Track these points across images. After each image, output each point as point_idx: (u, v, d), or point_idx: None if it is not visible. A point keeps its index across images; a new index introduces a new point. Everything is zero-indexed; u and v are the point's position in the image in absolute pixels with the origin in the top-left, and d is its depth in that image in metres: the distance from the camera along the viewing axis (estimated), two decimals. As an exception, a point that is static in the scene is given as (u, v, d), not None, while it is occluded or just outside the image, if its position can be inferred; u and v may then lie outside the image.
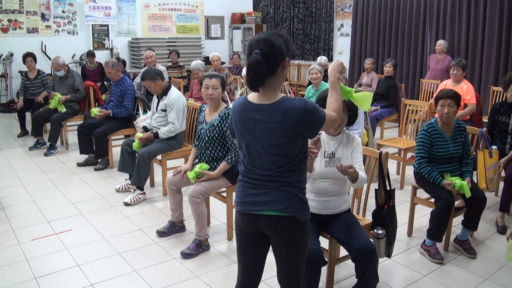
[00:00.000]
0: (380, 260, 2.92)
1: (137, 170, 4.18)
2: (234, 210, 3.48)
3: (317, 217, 2.63)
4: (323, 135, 2.68)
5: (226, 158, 3.30)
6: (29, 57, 6.62)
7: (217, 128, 3.28)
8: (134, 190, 4.25)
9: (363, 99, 2.24)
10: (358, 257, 2.49)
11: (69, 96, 6.03)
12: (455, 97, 3.27)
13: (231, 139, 3.26)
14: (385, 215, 2.69)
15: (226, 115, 3.27)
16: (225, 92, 5.20)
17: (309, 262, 2.34)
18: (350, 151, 2.65)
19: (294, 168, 1.89)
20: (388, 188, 2.75)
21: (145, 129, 4.46)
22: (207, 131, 3.31)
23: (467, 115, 4.81)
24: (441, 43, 7.10)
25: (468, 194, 3.12)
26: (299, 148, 1.88)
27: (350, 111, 2.63)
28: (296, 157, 1.88)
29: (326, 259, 2.59)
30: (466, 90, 4.82)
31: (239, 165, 2.03)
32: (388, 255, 2.76)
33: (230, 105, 5.22)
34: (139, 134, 4.31)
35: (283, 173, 1.88)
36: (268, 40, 1.81)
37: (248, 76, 1.82)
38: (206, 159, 3.37)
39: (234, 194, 3.42)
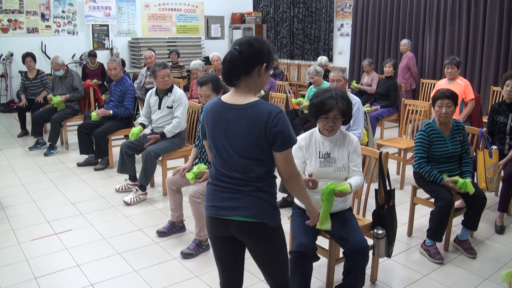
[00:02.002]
0: (380, 260, 2.93)
1: (144, 169, 4.19)
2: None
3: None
4: (317, 135, 2.66)
5: None
6: (28, 57, 6.62)
7: None
8: (136, 190, 4.25)
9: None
10: (349, 251, 2.47)
11: (68, 95, 6.03)
12: (452, 97, 3.27)
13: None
14: (385, 215, 2.69)
15: None
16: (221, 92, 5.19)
17: (299, 256, 2.38)
18: (347, 152, 2.65)
19: (266, 174, 1.86)
20: (388, 188, 2.76)
21: (143, 125, 4.50)
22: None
23: (469, 113, 4.84)
24: (405, 43, 7.55)
25: (472, 190, 3.11)
26: (271, 153, 1.83)
27: (344, 116, 2.57)
28: (268, 162, 1.85)
29: (320, 256, 2.57)
30: (465, 87, 4.84)
31: (209, 167, 2.03)
32: (388, 255, 2.76)
33: None
34: (136, 130, 4.34)
35: (255, 178, 1.84)
36: (250, 41, 1.82)
37: (222, 69, 1.84)
38: (206, 158, 3.37)
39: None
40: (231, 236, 1.95)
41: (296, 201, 2.77)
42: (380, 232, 2.67)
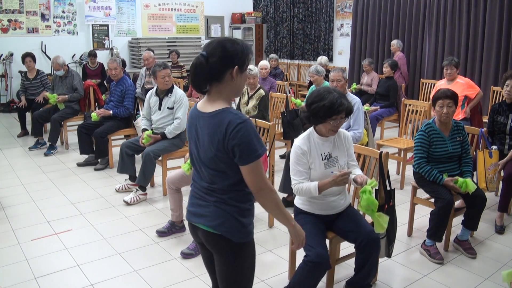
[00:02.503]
0: (380, 260, 2.92)
1: (143, 169, 4.19)
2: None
3: (324, 218, 2.65)
4: (314, 137, 2.64)
5: None
6: (28, 57, 6.61)
7: None
8: (136, 190, 4.25)
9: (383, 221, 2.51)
10: (363, 243, 2.50)
11: (66, 96, 6.01)
12: (453, 97, 3.27)
13: None
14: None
15: None
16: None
17: (317, 267, 2.39)
18: (345, 148, 2.67)
19: (232, 187, 1.77)
20: (388, 188, 2.76)
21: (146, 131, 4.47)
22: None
23: (478, 103, 4.90)
24: (394, 43, 7.80)
25: (472, 189, 3.11)
26: (236, 167, 1.73)
27: (348, 115, 2.59)
28: (233, 175, 1.75)
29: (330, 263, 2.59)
30: (466, 84, 4.85)
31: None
32: (388, 255, 2.77)
33: (234, 105, 5.24)
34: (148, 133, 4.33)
35: (219, 189, 1.78)
36: (219, 44, 1.71)
37: (190, 77, 1.79)
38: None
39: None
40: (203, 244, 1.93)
41: (297, 203, 2.74)
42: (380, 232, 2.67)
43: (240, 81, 1.76)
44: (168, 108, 4.37)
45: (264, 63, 6.40)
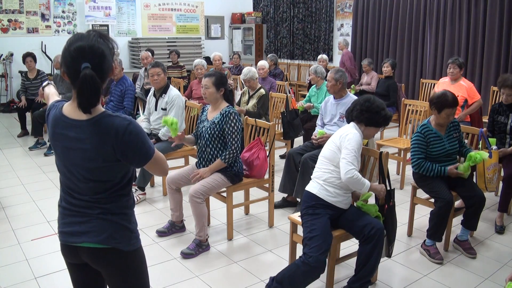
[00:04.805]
0: (380, 260, 2.92)
1: (142, 171, 4.19)
2: (234, 210, 3.51)
3: (338, 213, 2.71)
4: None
5: (221, 156, 3.30)
6: (29, 57, 6.63)
7: (217, 126, 3.28)
8: (136, 190, 4.25)
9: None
10: (372, 231, 2.55)
11: (60, 96, 5.96)
12: (457, 104, 3.27)
13: (230, 137, 3.27)
14: (385, 215, 2.70)
15: (227, 113, 3.28)
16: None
17: (313, 271, 2.45)
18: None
19: (117, 193, 1.64)
20: (388, 188, 2.76)
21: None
22: (208, 129, 3.32)
23: (475, 110, 4.85)
24: (340, 41, 8.38)
25: (477, 159, 3.17)
26: (123, 171, 1.63)
27: None
28: (119, 181, 1.64)
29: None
30: (468, 88, 4.83)
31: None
32: (389, 255, 2.77)
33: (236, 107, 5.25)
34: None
35: (103, 199, 1.62)
36: (95, 49, 1.52)
37: (82, 99, 1.50)
38: (206, 157, 3.37)
39: (234, 194, 3.46)
40: (85, 263, 1.71)
41: (321, 194, 2.68)
42: None
43: (112, 74, 1.66)
44: (162, 109, 4.33)
45: (262, 63, 6.38)
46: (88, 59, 1.50)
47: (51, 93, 2.10)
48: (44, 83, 2.22)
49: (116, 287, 1.74)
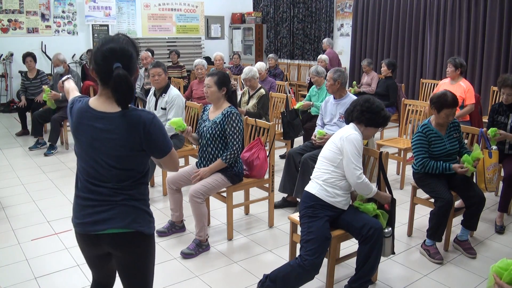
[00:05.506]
0: (381, 260, 2.92)
1: None
2: (234, 210, 3.51)
3: (336, 214, 2.70)
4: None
5: (222, 156, 3.30)
6: (28, 57, 6.62)
7: (219, 126, 3.28)
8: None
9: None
10: (370, 231, 2.56)
11: (60, 94, 5.83)
12: (457, 103, 3.27)
13: (231, 137, 3.27)
14: (390, 212, 2.72)
15: (229, 113, 3.27)
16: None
17: (308, 273, 2.48)
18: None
19: (138, 181, 1.79)
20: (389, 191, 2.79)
21: None
22: (210, 128, 3.32)
23: (466, 115, 4.82)
24: (324, 41, 8.78)
25: (479, 155, 3.21)
26: (144, 161, 1.80)
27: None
28: (141, 170, 1.79)
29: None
30: (466, 90, 4.82)
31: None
32: (393, 252, 2.79)
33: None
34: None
35: (126, 187, 1.75)
36: (125, 51, 1.69)
37: (119, 95, 1.66)
38: (207, 157, 3.37)
39: (234, 194, 3.46)
40: (103, 254, 1.84)
41: (320, 195, 2.66)
42: (386, 230, 2.68)
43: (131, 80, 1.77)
44: (161, 108, 4.32)
45: (259, 66, 6.29)
46: (119, 60, 1.67)
47: (71, 87, 2.23)
48: (64, 77, 2.32)
49: (134, 269, 1.84)
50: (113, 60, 1.66)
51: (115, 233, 1.73)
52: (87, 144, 1.72)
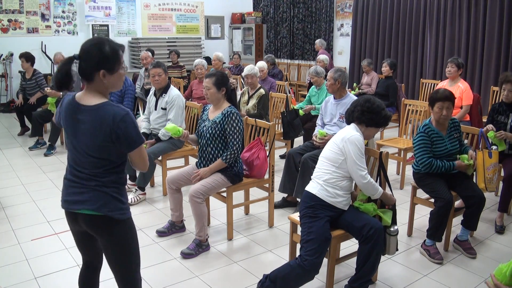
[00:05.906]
0: (381, 259, 2.92)
1: (142, 171, 4.17)
2: (234, 210, 3.51)
3: (337, 214, 2.70)
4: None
5: (222, 156, 3.30)
6: (21, 58, 6.54)
7: (219, 125, 3.28)
8: (136, 190, 4.25)
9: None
10: (371, 231, 2.56)
11: (60, 93, 5.85)
12: (451, 98, 3.26)
13: (231, 137, 3.27)
14: (393, 210, 2.72)
15: (229, 113, 3.27)
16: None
17: (308, 274, 2.48)
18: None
19: (112, 170, 1.94)
20: (388, 187, 2.78)
21: (145, 135, 4.40)
22: (209, 128, 3.32)
23: (463, 116, 4.83)
24: (316, 42, 8.87)
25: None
26: (118, 153, 1.92)
27: None
28: (115, 160, 1.93)
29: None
30: (464, 91, 4.82)
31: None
32: (397, 249, 2.80)
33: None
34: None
35: (99, 174, 1.92)
36: (89, 48, 1.87)
37: (55, 77, 1.91)
38: (207, 157, 3.37)
39: (234, 194, 3.46)
40: (85, 231, 2.02)
41: (321, 195, 2.66)
42: (392, 229, 2.68)
43: (112, 80, 1.91)
44: (162, 108, 4.31)
45: (261, 64, 6.31)
46: (80, 52, 1.88)
47: None
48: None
49: (108, 252, 2.02)
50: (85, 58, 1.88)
51: (88, 214, 1.93)
52: (71, 133, 1.93)
